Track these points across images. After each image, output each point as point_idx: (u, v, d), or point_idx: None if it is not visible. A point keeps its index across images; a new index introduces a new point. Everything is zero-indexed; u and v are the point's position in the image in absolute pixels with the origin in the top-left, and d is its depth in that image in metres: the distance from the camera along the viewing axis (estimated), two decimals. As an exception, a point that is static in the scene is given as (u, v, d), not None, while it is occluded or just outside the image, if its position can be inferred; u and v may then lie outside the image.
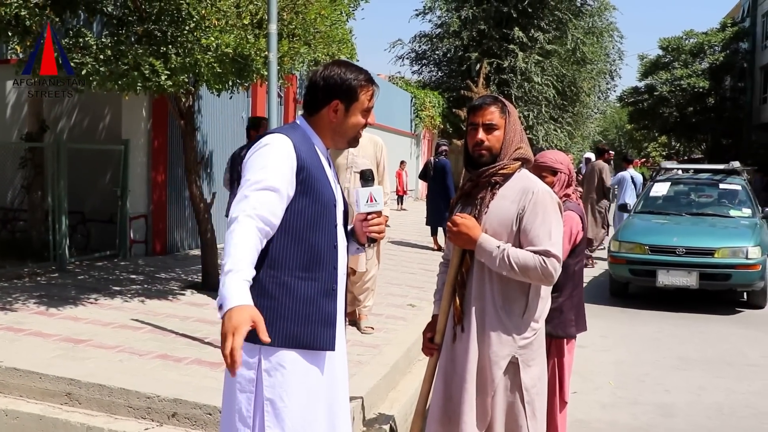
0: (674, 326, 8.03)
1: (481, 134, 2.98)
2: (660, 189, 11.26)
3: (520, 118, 3.52)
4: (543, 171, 4.01)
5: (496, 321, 2.93)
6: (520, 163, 3.00)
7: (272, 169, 2.41)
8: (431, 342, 3.14)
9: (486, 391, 2.94)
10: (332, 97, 2.56)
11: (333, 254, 2.57)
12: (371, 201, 2.71)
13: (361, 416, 4.36)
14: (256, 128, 6.69)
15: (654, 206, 10.92)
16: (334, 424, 2.60)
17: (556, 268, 2.85)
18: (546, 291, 3.03)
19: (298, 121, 2.66)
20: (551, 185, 3.92)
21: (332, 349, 2.56)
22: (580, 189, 12.93)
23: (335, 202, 2.60)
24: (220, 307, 2.21)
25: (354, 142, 2.68)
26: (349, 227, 2.82)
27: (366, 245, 2.82)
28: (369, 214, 2.72)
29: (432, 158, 13.16)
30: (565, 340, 3.88)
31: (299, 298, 2.48)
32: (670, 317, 8.47)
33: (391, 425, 4.46)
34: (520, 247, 2.89)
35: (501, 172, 2.96)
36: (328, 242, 2.56)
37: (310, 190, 2.50)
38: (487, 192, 2.98)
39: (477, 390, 2.95)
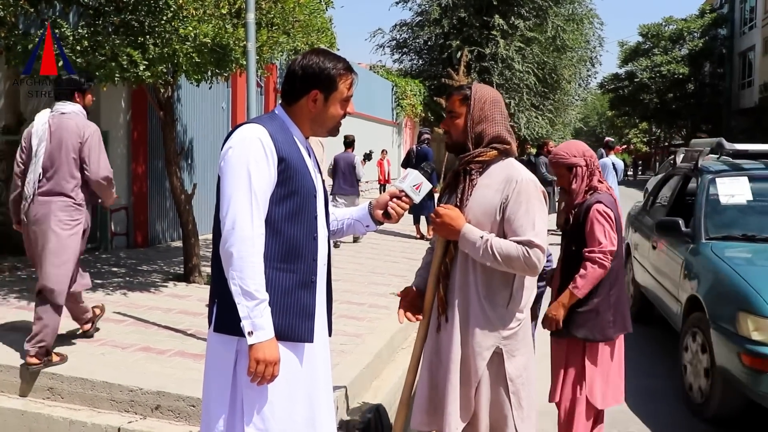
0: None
1: (445, 122, 3.09)
2: (735, 191, 5.99)
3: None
4: (557, 169, 3.89)
5: (480, 312, 2.92)
6: (496, 151, 2.96)
7: (255, 174, 2.40)
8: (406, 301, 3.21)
9: (470, 383, 2.94)
10: (311, 87, 2.53)
11: (313, 246, 2.56)
12: (416, 188, 2.83)
13: (344, 405, 4.37)
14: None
15: (742, 225, 5.86)
16: (315, 415, 2.60)
17: (539, 259, 2.82)
18: (531, 281, 3.02)
19: (276, 111, 2.63)
20: (569, 183, 3.82)
21: (310, 341, 2.55)
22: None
23: (315, 193, 2.58)
24: (251, 333, 2.36)
25: (334, 131, 2.67)
26: (370, 201, 2.90)
27: (377, 223, 2.91)
28: (404, 195, 2.82)
29: (414, 146, 13.16)
30: (600, 343, 3.69)
31: (277, 290, 2.47)
32: (651, 302, 8.50)
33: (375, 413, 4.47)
34: (504, 236, 2.88)
35: (477, 159, 2.95)
36: (308, 234, 2.54)
37: (289, 182, 2.48)
38: (466, 180, 2.98)
39: (461, 381, 2.95)
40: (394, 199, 2.82)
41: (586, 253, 3.67)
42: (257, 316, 2.35)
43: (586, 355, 3.72)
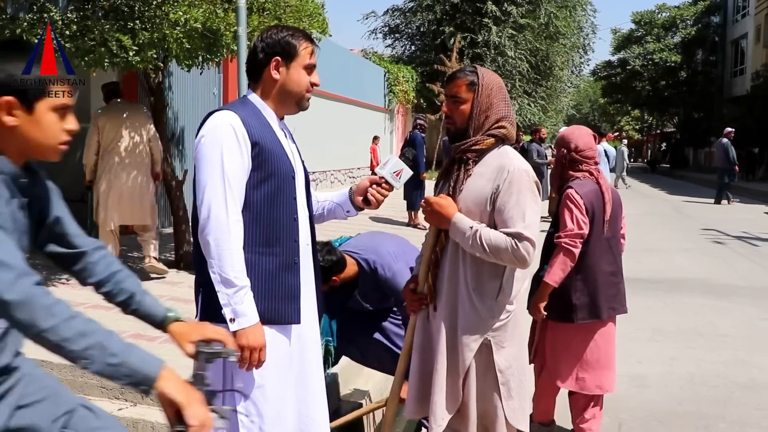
0: (647, 298, 8.11)
1: (445, 106, 2.96)
2: None
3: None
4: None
5: (468, 303, 2.88)
6: (493, 139, 2.89)
7: (228, 160, 2.40)
8: (413, 293, 3.06)
9: (457, 373, 2.90)
10: (272, 55, 2.52)
11: (293, 227, 2.55)
12: (396, 175, 2.80)
13: (336, 391, 4.36)
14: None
15: None
16: (307, 396, 2.60)
17: (529, 252, 2.76)
18: (521, 272, 2.98)
19: (248, 96, 2.62)
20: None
21: (297, 322, 2.55)
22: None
23: (293, 174, 2.57)
24: (232, 320, 2.38)
25: (303, 102, 2.62)
26: (351, 187, 2.88)
27: (357, 209, 2.88)
28: (384, 181, 2.80)
29: (410, 132, 13.15)
30: (563, 324, 3.81)
31: (261, 274, 2.47)
32: (642, 289, 8.54)
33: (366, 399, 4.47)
34: (495, 227, 2.82)
35: (474, 148, 2.88)
36: (288, 215, 2.54)
37: (264, 165, 2.47)
38: (461, 169, 2.91)
39: (448, 371, 2.91)
40: (374, 186, 2.80)
41: (555, 239, 3.74)
42: (238, 303, 2.35)
43: (549, 331, 3.88)
